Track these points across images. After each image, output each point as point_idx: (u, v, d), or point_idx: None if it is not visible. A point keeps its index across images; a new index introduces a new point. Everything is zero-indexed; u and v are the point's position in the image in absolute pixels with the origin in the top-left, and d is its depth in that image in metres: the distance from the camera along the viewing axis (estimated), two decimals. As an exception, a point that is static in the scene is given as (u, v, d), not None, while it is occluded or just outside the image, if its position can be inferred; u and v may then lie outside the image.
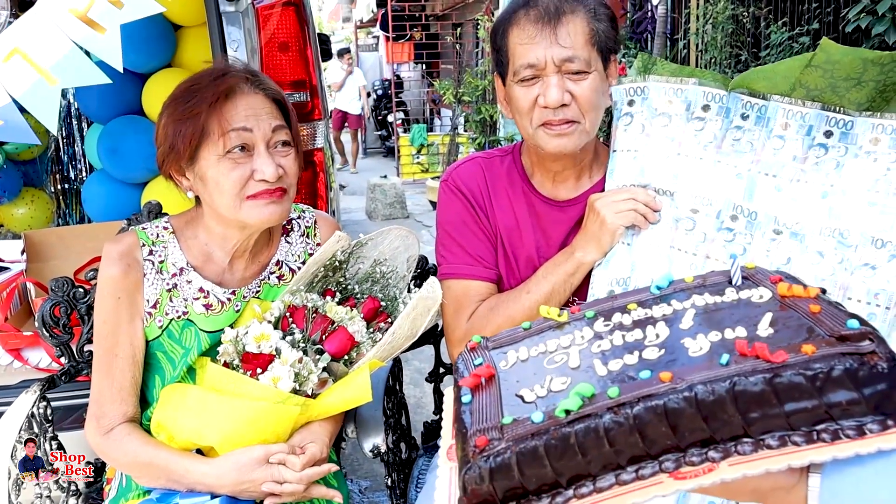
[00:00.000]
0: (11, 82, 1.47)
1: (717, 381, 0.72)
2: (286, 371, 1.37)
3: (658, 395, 0.72)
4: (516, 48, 1.44)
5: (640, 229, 1.43)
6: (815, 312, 0.81)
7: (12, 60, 1.49)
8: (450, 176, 1.64)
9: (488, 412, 0.81)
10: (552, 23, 1.40)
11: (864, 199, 1.32)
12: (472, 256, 1.58)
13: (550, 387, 0.81)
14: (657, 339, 0.86)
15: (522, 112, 1.46)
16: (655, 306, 0.94)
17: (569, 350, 0.89)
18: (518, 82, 1.45)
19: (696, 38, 5.58)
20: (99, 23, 1.48)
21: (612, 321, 0.95)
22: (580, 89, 1.42)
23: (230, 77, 1.41)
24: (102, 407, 1.45)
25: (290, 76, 2.21)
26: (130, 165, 2.81)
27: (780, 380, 0.72)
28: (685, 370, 0.75)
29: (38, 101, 1.47)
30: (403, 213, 8.85)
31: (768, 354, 0.73)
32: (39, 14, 1.50)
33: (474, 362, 0.95)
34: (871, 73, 1.33)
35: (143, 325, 1.47)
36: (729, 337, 0.80)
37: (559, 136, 1.44)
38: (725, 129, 1.44)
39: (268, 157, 1.39)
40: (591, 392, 0.76)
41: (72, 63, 1.47)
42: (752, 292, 0.91)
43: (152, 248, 1.49)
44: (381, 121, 14.25)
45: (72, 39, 1.46)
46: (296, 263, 1.60)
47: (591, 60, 1.42)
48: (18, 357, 2.13)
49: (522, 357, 0.92)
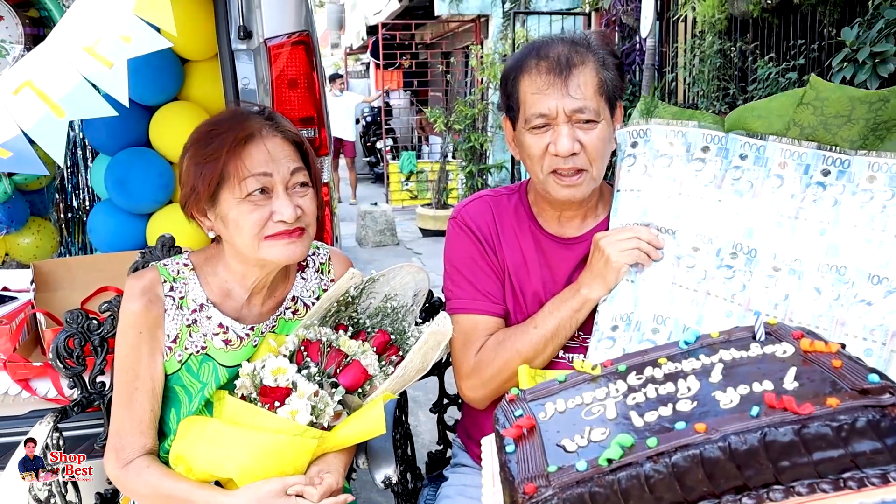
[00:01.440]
0: (21, 114, 1.49)
1: (749, 431, 0.78)
2: (304, 404, 1.41)
3: (694, 445, 0.78)
4: (528, 97, 1.50)
5: (644, 266, 1.48)
6: (838, 367, 0.87)
7: (22, 93, 1.52)
8: (459, 213, 1.69)
9: (533, 461, 0.86)
10: (563, 74, 1.45)
11: (861, 235, 1.35)
12: (480, 292, 1.62)
13: (590, 437, 0.87)
14: (689, 391, 0.92)
15: (534, 159, 1.52)
16: (684, 360, 1.00)
17: (605, 402, 0.95)
18: (529, 130, 1.50)
19: (685, 71, 5.71)
20: (107, 57, 1.51)
21: (643, 374, 1.00)
22: (589, 138, 1.47)
23: (250, 121, 1.46)
24: (122, 439, 1.48)
25: (298, 112, 2.27)
26: (137, 196, 2.85)
27: (808, 430, 0.77)
28: (718, 421, 0.81)
29: (47, 134, 1.49)
30: (393, 240, 8.90)
31: (795, 407, 0.79)
32: (50, 48, 1.53)
33: (514, 413, 1.00)
34: (860, 111, 1.38)
35: (163, 360, 1.51)
36: (757, 390, 0.86)
37: (569, 186, 1.50)
38: (725, 169, 1.50)
39: (286, 198, 1.43)
40: (630, 442, 0.81)
41: (80, 96, 1.49)
42: (776, 347, 0.97)
43: (173, 284, 1.53)
44: (369, 147, 14.34)
45: (80, 73, 1.49)
46: (310, 299, 1.64)
47: (600, 109, 1.48)
48: (27, 387, 2.14)
49: (560, 409, 0.97)
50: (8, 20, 2.95)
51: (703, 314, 1.42)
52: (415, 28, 12.28)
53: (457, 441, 1.88)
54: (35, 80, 1.45)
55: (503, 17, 9.70)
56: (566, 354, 1.58)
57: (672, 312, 1.44)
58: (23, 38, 2.91)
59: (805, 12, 4.26)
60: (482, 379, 1.57)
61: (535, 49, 1.52)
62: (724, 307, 1.41)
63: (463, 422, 1.85)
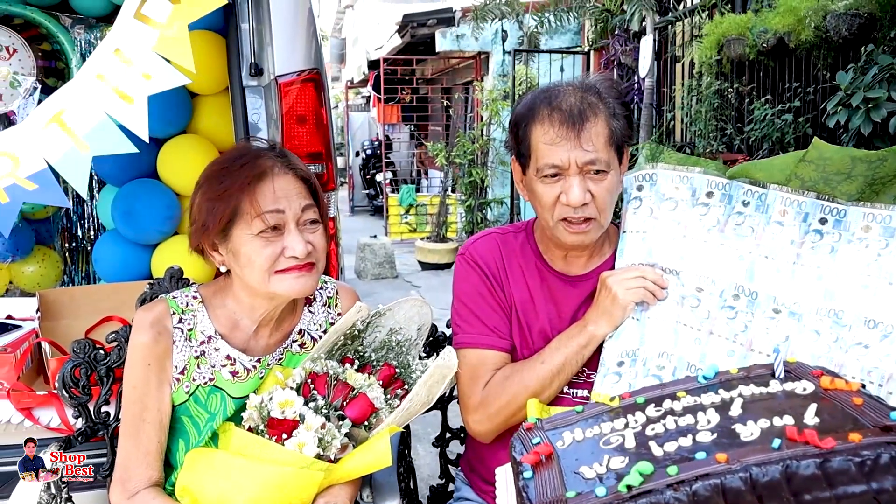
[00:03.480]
0: (48, 148, 1.53)
1: (771, 463, 0.79)
2: (311, 437, 1.42)
3: (715, 475, 0.79)
4: (540, 146, 1.52)
5: (649, 305, 1.52)
6: (859, 404, 0.88)
7: (50, 127, 1.56)
8: (467, 250, 1.72)
9: (551, 487, 0.87)
10: (576, 127, 1.48)
11: (857, 282, 1.40)
12: (487, 327, 1.64)
13: (609, 465, 0.88)
14: (708, 424, 0.92)
15: (545, 206, 1.55)
16: (704, 395, 1.01)
17: (624, 433, 0.96)
18: (541, 178, 1.53)
19: (682, 111, 5.79)
20: (128, 93, 1.55)
21: (662, 407, 1.02)
22: (599, 189, 1.51)
23: (262, 159, 1.49)
24: (128, 471, 1.48)
25: (307, 148, 2.30)
26: (144, 227, 2.88)
27: (830, 465, 0.78)
28: (739, 452, 0.82)
29: (71, 168, 1.52)
30: (392, 272, 8.91)
31: (818, 440, 0.79)
32: (77, 84, 1.57)
33: (532, 441, 1.01)
34: (859, 169, 1.43)
35: (171, 391, 1.52)
36: (777, 424, 0.87)
37: (578, 234, 1.54)
38: (728, 214, 1.55)
39: (298, 235, 1.47)
40: (650, 470, 0.82)
41: (103, 132, 1.53)
42: (796, 385, 0.98)
43: (182, 316, 1.55)
44: (369, 180, 14.44)
45: (104, 109, 1.53)
46: (317, 332, 1.66)
47: (610, 160, 1.52)
48: (29, 416, 2.14)
49: (578, 438, 0.98)
50: (21, 53, 3.00)
51: (706, 352, 1.45)
52: (416, 63, 12.44)
53: (459, 475, 1.89)
54: (63, 116, 1.49)
55: (503, 54, 9.85)
56: (570, 390, 1.59)
57: (676, 350, 1.47)
58: (35, 70, 2.96)
59: (800, 56, 4.35)
60: (489, 413, 1.58)
61: (547, 98, 1.55)
62: (727, 346, 1.45)
63: (467, 455, 1.86)
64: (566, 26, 8.29)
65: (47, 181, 1.53)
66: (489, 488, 1.66)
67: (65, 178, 1.52)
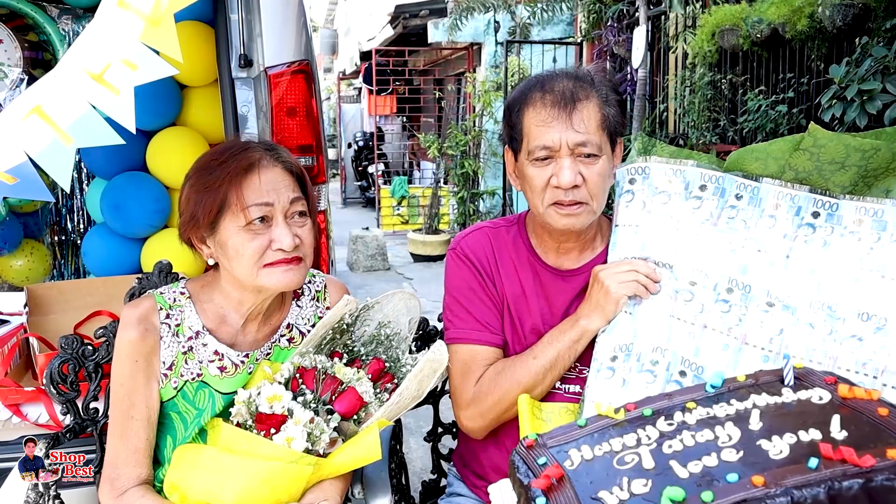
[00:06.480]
0: (29, 141, 1.50)
1: (811, 485, 0.74)
2: (299, 431, 1.40)
3: (755, 500, 0.73)
4: (532, 128, 1.52)
5: (642, 299, 1.50)
6: (885, 415, 0.84)
7: (31, 119, 1.52)
8: (458, 244, 1.71)
9: None
10: (568, 108, 1.48)
11: (850, 275, 1.40)
12: (479, 322, 1.63)
13: (632, 489, 0.82)
14: (730, 440, 0.87)
15: (535, 190, 1.54)
16: (715, 405, 0.97)
17: (638, 450, 0.90)
18: (532, 161, 1.53)
19: (675, 102, 5.78)
20: (114, 84, 1.51)
21: (674, 420, 0.96)
22: (590, 173, 1.50)
23: (251, 151, 1.48)
24: (117, 469, 1.47)
25: (297, 140, 2.28)
26: (133, 221, 2.84)
27: (874, 484, 0.74)
28: (775, 474, 0.76)
29: (53, 160, 1.49)
30: (384, 265, 8.89)
31: (856, 458, 0.75)
32: (59, 74, 1.54)
33: (538, 461, 0.95)
34: (853, 159, 1.43)
35: (159, 387, 1.51)
36: (804, 439, 0.82)
37: (568, 216, 1.52)
38: (721, 207, 1.54)
39: (285, 227, 1.45)
40: (682, 496, 0.76)
41: (87, 124, 1.49)
42: (810, 393, 0.94)
43: (169, 311, 1.53)
44: (361, 172, 14.40)
45: (88, 100, 1.50)
46: (306, 326, 1.64)
47: (602, 144, 1.51)
48: (17, 412, 2.12)
49: (587, 456, 0.93)
50: (7, 44, 2.96)
51: (700, 346, 1.44)
52: (408, 54, 12.39)
53: (452, 470, 1.88)
54: (44, 107, 1.45)
55: (496, 45, 9.81)
56: (562, 385, 1.58)
57: (670, 344, 1.46)
58: (21, 61, 2.93)
59: (794, 47, 4.34)
60: (481, 409, 1.57)
61: (540, 82, 1.55)
62: (721, 340, 1.43)
63: (459, 451, 1.85)
64: (559, 17, 8.26)
65: (28, 174, 1.50)
66: (482, 483, 1.65)
67: (47, 172, 1.49)
